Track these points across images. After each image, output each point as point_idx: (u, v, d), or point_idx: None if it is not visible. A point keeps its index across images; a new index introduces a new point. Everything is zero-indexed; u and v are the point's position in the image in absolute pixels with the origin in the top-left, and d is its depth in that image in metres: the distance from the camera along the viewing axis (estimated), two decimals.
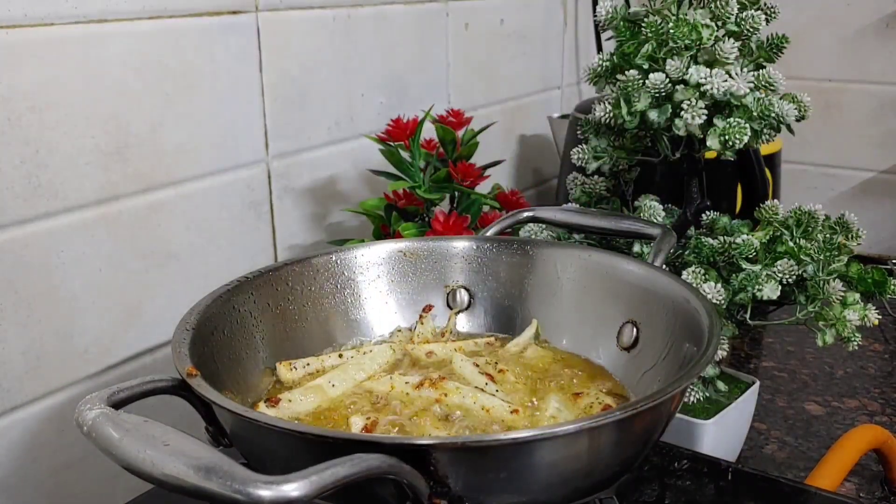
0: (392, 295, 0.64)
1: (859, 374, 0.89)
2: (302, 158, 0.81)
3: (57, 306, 0.62)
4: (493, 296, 0.65)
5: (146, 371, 0.70)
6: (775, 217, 0.68)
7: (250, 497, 0.33)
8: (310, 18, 0.79)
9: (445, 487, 0.39)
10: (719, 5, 0.63)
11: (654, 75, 0.62)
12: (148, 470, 0.35)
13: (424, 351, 0.60)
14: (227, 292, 0.55)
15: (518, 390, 0.55)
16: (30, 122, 0.59)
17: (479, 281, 0.65)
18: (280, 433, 0.40)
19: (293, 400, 0.53)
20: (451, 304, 0.65)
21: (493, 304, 0.65)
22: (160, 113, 0.67)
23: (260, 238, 0.78)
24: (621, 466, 0.44)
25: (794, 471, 0.72)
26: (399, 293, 0.64)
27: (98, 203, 0.64)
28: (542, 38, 1.16)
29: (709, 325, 0.50)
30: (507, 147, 1.12)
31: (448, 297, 0.65)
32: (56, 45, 0.60)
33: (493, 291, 0.65)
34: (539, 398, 0.54)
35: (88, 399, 0.40)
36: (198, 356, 0.48)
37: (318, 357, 0.59)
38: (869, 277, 0.63)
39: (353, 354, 0.59)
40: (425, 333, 0.63)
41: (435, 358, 0.60)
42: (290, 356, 0.58)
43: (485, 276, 0.65)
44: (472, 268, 0.65)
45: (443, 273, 0.65)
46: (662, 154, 0.68)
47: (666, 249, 0.59)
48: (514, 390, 0.55)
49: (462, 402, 0.52)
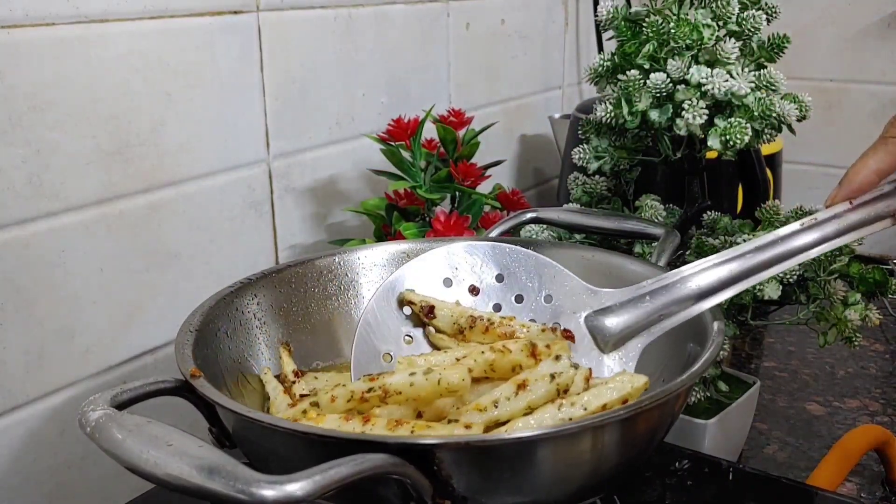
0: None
1: (860, 374, 0.89)
2: (303, 158, 0.81)
3: (58, 306, 0.62)
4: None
5: (147, 371, 0.70)
6: (776, 217, 0.68)
7: (253, 497, 0.33)
8: (311, 18, 0.79)
9: (449, 487, 0.38)
10: (720, 5, 0.63)
11: (655, 75, 0.62)
12: (151, 470, 0.35)
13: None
14: (230, 294, 0.55)
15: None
16: (31, 122, 0.59)
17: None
18: (283, 433, 0.40)
19: (319, 377, 0.55)
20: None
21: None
22: (161, 113, 0.67)
23: (261, 238, 0.78)
24: (626, 466, 0.44)
25: (794, 471, 0.73)
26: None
27: (99, 203, 0.64)
28: (543, 38, 1.16)
29: (712, 325, 0.50)
30: (508, 147, 1.12)
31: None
32: (57, 45, 0.60)
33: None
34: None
35: (92, 400, 0.40)
36: (201, 358, 0.48)
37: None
38: (870, 277, 0.63)
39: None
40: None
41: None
42: (293, 357, 0.58)
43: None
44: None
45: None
46: (663, 154, 0.68)
47: (669, 250, 0.59)
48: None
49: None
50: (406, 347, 0.58)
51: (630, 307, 0.54)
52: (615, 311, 0.55)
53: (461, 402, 0.48)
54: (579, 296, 0.57)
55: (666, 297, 0.53)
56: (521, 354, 0.50)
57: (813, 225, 0.52)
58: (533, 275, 0.59)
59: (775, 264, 0.52)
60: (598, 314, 0.55)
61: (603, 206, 0.74)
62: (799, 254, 0.52)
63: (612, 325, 0.55)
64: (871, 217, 0.51)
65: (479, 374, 0.50)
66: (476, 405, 0.46)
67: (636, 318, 0.54)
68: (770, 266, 0.52)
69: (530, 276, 0.59)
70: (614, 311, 0.55)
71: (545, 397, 0.46)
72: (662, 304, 0.53)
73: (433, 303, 0.57)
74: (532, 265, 0.59)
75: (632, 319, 0.54)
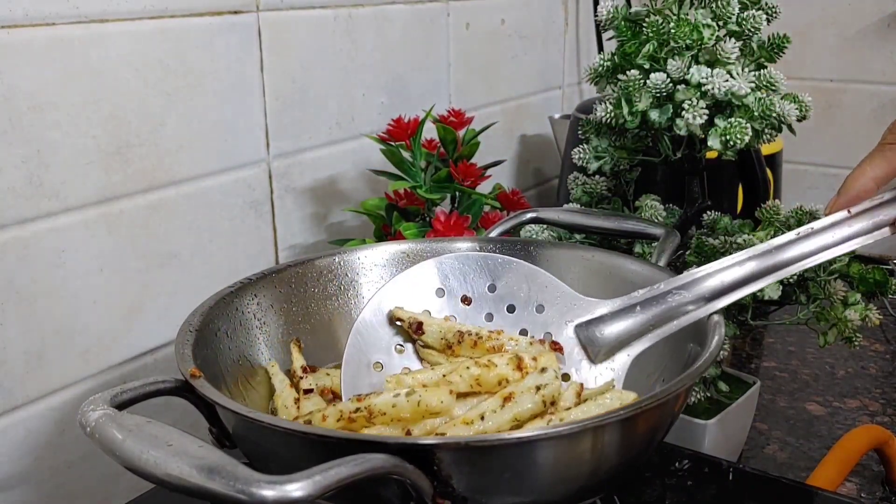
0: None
1: (860, 374, 0.89)
2: (303, 158, 0.81)
3: (58, 305, 0.62)
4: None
5: (147, 371, 0.70)
6: (776, 217, 0.68)
7: (253, 497, 0.33)
8: (311, 18, 0.79)
9: (449, 487, 0.38)
10: (720, 5, 0.63)
11: (655, 75, 0.62)
12: (151, 470, 0.35)
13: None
14: (230, 294, 0.55)
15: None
16: (31, 122, 0.59)
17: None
18: (283, 434, 0.40)
19: (331, 374, 0.55)
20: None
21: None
22: (161, 112, 0.67)
23: (261, 238, 0.78)
24: (626, 467, 0.44)
25: (794, 471, 0.73)
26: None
27: (99, 202, 0.64)
28: (543, 38, 1.16)
29: (712, 325, 0.50)
30: (508, 147, 1.12)
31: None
32: (57, 45, 0.60)
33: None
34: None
35: (92, 400, 0.40)
36: (201, 358, 0.48)
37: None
38: (870, 277, 0.63)
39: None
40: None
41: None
42: (303, 354, 0.58)
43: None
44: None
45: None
46: (663, 154, 0.68)
47: (670, 250, 0.59)
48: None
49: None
50: (397, 357, 0.58)
51: (621, 317, 0.54)
52: (606, 322, 0.55)
53: (449, 415, 0.48)
54: (570, 305, 0.57)
55: (657, 307, 0.53)
56: (506, 368, 0.51)
57: (810, 234, 0.52)
58: (524, 284, 0.59)
59: (770, 273, 0.52)
60: (589, 324, 0.55)
61: (603, 207, 0.74)
62: (794, 264, 0.51)
63: (603, 335, 0.55)
64: (870, 227, 0.51)
65: (465, 388, 0.50)
66: (463, 419, 0.46)
67: (627, 328, 0.54)
68: (765, 275, 0.52)
69: (521, 285, 0.59)
70: (605, 321, 0.55)
71: (531, 410, 0.47)
72: (653, 314, 0.53)
73: (421, 319, 0.57)
74: (524, 274, 0.59)
75: (623, 330, 0.54)
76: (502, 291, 0.59)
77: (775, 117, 0.61)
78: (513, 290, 0.59)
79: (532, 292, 0.58)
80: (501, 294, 0.59)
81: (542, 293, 0.58)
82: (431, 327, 0.57)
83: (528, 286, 0.58)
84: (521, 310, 0.59)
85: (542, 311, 0.58)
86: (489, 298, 0.59)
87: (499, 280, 0.59)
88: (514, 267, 0.59)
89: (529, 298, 0.58)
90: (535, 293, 0.58)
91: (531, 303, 0.58)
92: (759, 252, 0.52)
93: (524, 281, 0.59)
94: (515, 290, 0.59)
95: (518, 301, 0.59)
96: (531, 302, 0.58)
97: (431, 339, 0.57)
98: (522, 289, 0.59)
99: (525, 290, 0.59)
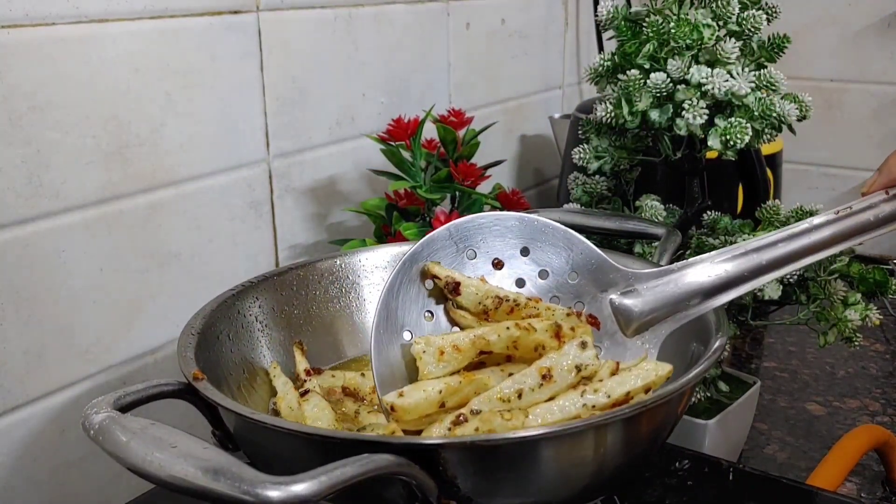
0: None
1: (860, 374, 0.89)
2: (303, 158, 0.81)
3: (58, 306, 0.62)
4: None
5: (148, 371, 0.69)
6: (776, 217, 0.68)
7: (259, 498, 0.33)
8: (311, 18, 0.79)
9: (454, 487, 0.38)
10: (720, 5, 0.63)
11: (655, 75, 0.62)
12: (156, 472, 0.35)
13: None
14: (232, 297, 0.55)
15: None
16: (31, 122, 0.59)
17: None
18: (286, 435, 0.40)
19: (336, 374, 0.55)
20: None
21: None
22: (161, 113, 0.67)
23: (261, 238, 0.78)
24: (630, 466, 0.44)
25: (795, 471, 0.73)
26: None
27: (99, 203, 0.64)
28: (544, 38, 1.16)
29: (715, 324, 0.50)
30: (508, 147, 1.12)
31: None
32: (57, 45, 0.59)
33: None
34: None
35: (95, 403, 0.40)
36: (203, 360, 0.48)
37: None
38: (870, 277, 0.64)
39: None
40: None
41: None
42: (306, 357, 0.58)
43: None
44: None
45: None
46: (664, 154, 0.68)
47: (671, 249, 0.59)
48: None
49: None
50: (426, 324, 0.54)
51: (656, 290, 0.52)
52: (641, 294, 0.53)
53: (485, 387, 0.47)
54: (606, 275, 0.54)
55: (691, 283, 0.51)
56: (545, 335, 0.49)
57: (848, 214, 0.50)
58: (560, 250, 0.56)
59: (808, 255, 0.50)
60: (623, 295, 0.53)
61: (603, 206, 0.74)
62: (833, 245, 0.50)
63: (637, 307, 0.53)
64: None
65: (501, 349, 0.49)
66: (500, 395, 0.45)
67: (662, 302, 0.52)
68: (803, 257, 0.50)
69: (557, 251, 0.56)
70: (641, 293, 0.53)
71: (569, 384, 0.46)
72: (687, 291, 0.51)
73: (459, 279, 0.54)
74: (560, 239, 0.55)
75: (658, 303, 0.52)
76: (535, 255, 0.56)
77: (775, 117, 0.62)
78: (547, 256, 0.56)
79: (567, 259, 0.56)
80: (534, 258, 0.56)
81: (578, 260, 0.55)
82: (469, 289, 0.53)
83: (564, 252, 0.56)
84: (553, 276, 0.56)
85: (576, 278, 0.55)
86: (521, 262, 0.56)
87: (533, 244, 0.56)
88: (551, 231, 0.56)
89: (563, 265, 0.55)
90: (570, 260, 0.55)
91: (565, 269, 0.55)
92: (796, 231, 0.51)
93: (560, 246, 0.56)
94: (550, 256, 0.56)
95: (551, 267, 0.56)
96: (565, 268, 0.55)
97: (468, 301, 0.54)
98: (558, 254, 0.56)
99: (560, 257, 0.56)
